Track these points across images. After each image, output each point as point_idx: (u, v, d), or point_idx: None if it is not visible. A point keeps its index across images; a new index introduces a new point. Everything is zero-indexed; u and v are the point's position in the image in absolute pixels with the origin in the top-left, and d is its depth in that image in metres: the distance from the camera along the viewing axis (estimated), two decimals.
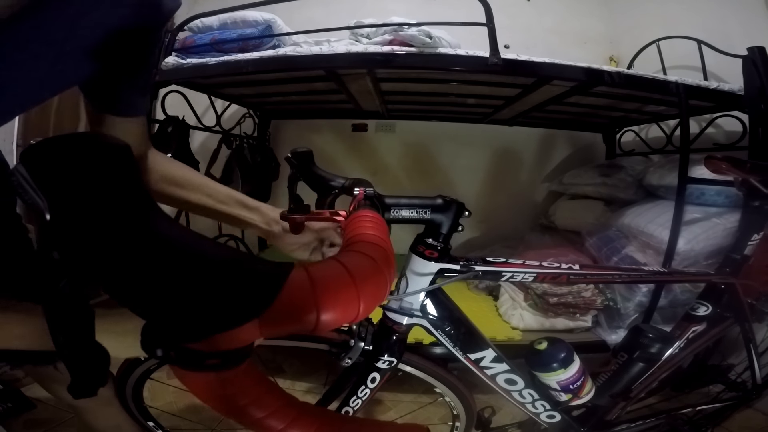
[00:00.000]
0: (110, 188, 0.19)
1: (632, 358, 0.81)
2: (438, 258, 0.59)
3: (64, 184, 0.18)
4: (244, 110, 2.12)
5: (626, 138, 2.10)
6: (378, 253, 0.27)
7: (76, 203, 0.18)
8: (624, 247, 1.46)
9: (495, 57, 1.11)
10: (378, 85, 1.51)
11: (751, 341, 0.94)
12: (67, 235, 0.19)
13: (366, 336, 0.61)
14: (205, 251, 0.21)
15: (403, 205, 0.54)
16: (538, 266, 0.65)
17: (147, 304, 0.20)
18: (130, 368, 0.72)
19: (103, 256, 0.19)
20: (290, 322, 0.21)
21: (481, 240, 2.33)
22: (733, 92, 1.29)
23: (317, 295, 0.21)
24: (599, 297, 1.43)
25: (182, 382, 0.22)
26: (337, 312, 0.22)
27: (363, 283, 0.23)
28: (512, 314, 1.49)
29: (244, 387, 0.23)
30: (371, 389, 0.65)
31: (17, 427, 1.15)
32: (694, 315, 0.89)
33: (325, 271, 0.23)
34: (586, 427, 0.82)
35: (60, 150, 0.18)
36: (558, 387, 0.72)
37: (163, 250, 0.19)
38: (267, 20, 1.43)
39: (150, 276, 0.19)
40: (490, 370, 0.67)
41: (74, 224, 0.18)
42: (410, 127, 2.30)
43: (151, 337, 0.20)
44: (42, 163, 0.18)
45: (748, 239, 0.88)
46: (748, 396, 1.02)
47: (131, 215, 0.19)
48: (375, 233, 0.32)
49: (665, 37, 1.78)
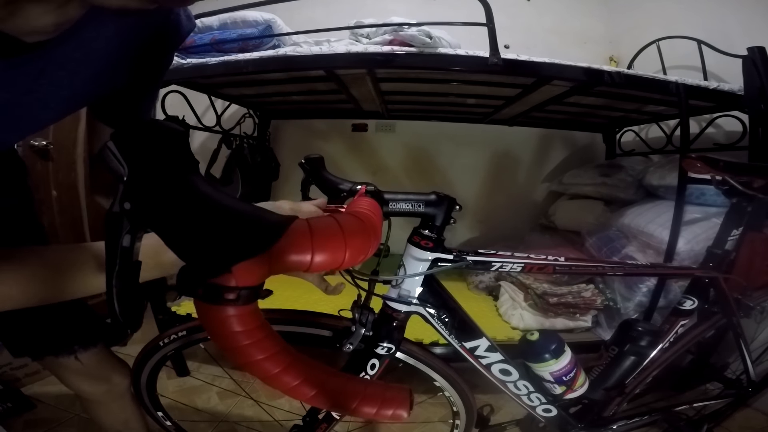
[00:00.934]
0: (166, 159, 0.27)
1: (623, 351, 0.85)
2: (433, 248, 0.63)
3: (139, 156, 0.26)
4: (244, 110, 2.12)
5: (626, 138, 2.10)
6: (366, 218, 0.33)
7: (146, 169, 0.26)
8: (624, 247, 1.46)
9: (495, 57, 1.11)
10: (378, 85, 1.51)
11: (740, 336, 0.95)
12: (136, 191, 0.26)
13: (367, 323, 0.63)
14: (229, 205, 0.27)
15: (399, 199, 0.59)
16: (525, 257, 0.68)
17: (184, 246, 0.26)
18: (146, 357, 0.74)
19: (157, 206, 0.26)
20: (292, 260, 0.27)
21: (481, 240, 2.33)
22: (733, 92, 1.29)
23: (313, 239, 0.27)
24: (599, 297, 1.43)
25: (202, 321, 0.27)
26: (326, 255, 0.27)
27: (350, 235, 0.29)
28: (512, 314, 1.49)
29: (251, 328, 0.27)
30: (371, 376, 0.67)
31: (17, 427, 1.15)
32: (681, 309, 0.91)
33: (321, 222, 0.29)
34: (583, 423, 0.82)
35: (138, 132, 0.27)
36: (551, 378, 0.75)
37: (196, 203, 0.26)
38: (267, 20, 1.43)
39: (185, 222, 0.26)
40: (485, 359, 0.70)
41: (142, 183, 0.26)
42: (410, 127, 2.30)
43: (184, 277, 0.26)
44: (126, 140, 0.26)
45: (728, 234, 0.91)
46: (745, 393, 1.03)
47: (178, 177, 0.27)
48: (369, 209, 0.38)
49: (665, 37, 1.78)
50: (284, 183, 2.27)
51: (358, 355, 0.67)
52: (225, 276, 0.25)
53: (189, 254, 0.26)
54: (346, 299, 0.65)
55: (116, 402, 0.78)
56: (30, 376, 1.34)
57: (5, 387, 1.25)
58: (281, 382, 0.29)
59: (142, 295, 0.31)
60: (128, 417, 0.80)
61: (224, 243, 0.26)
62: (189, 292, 0.26)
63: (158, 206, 0.26)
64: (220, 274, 0.25)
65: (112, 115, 0.53)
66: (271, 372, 0.29)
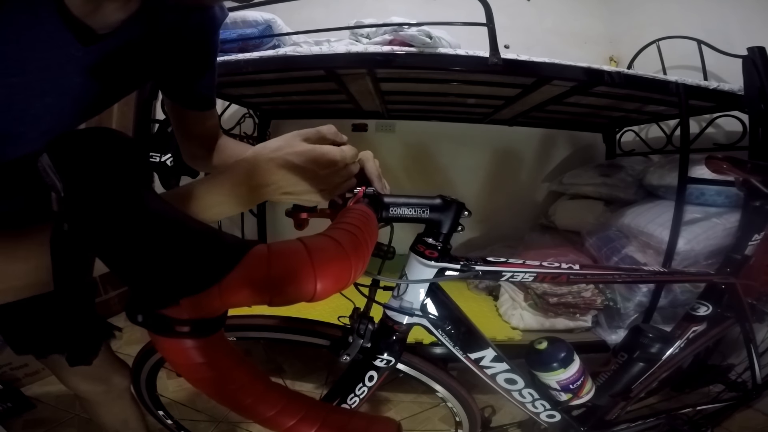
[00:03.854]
0: (109, 172, 0.23)
1: (632, 358, 0.81)
2: (438, 258, 0.58)
3: (75, 168, 0.22)
4: (244, 110, 2.12)
5: (626, 138, 2.10)
6: (347, 239, 0.28)
7: (83, 183, 0.22)
8: (624, 247, 1.45)
9: (495, 57, 1.11)
10: (378, 85, 1.51)
11: (752, 341, 0.94)
12: (75, 210, 0.22)
13: (365, 333, 0.61)
14: (181, 227, 0.23)
15: (401, 204, 0.54)
16: (538, 266, 0.65)
17: (127, 272, 0.23)
18: (145, 356, 0.73)
19: (97, 226, 0.22)
20: (248, 292, 0.23)
21: (481, 240, 2.33)
22: (733, 92, 1.29)
23: (271, 269, 0.23)
24: (599, 297, 1.43)
25: (158, 349, 0.24)
26: (291, 287, 0.23)
27: (322, 263, 0.24)
28: (512, 314, 1.49)
29: (215, 358, 0.24)
30: (369, 387, 0.65)
31: (17, 427, 1.15)
32: (694, 315, 0.89)
33: (284, 248, 0.24)
34: (586, 427, 0.82)
35: (75, 142, 0.23)
36: (558, 387, 0.72)
37: (142, 223, 0.23)
38: (267, 20, 1.43)
39: (129, 245, 0.22)
40: (490, 369, 0.67)
41: (80, 200, 0.22)
42: (410, 127, 2.29)
43: (130, 306, 0.23)
44: (61, 151, 0.23)
45: (749, 239, 0.88)
46: (749, 396, 1.02)
47: (122, 193, 0.23)
48: (354, 223, 0.32)
49: (665, 37, 1.78)
50: None
51: (356, 366, 0.65)
52: (174, 308, 0.22)
53: (133, 281, 0.23)
54: (346, 304, 0.62)
55: (116, 402, 0.78)
56: (30, 376, 1.34)
57: (5, 387, 1.25)
58: (255, 413, 0.27)
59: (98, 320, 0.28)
60: (128, 417, 0.80)
61: (171, 272, 0.22)
62: (137, 322, 0.23)
63: (98, 226, 0.22)
64: (167, 306, 0.23)
65: (184, 98, 0.58)
66: (243, 403, 0.26)
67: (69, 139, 0.23)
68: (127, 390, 0.78)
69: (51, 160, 0.23)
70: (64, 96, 0.41)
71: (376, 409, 1.33)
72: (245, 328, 0.71)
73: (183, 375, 0.25)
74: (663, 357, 0.82)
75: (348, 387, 0.65)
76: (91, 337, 0.28)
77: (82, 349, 0.27)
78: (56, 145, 0.23)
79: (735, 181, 0.87)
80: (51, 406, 1.23)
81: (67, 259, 0.25)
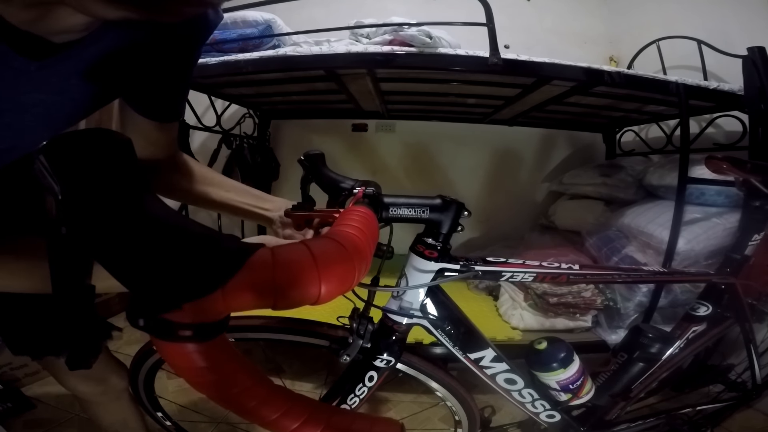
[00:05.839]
0: (109, 175, 0.22)
1: (632, 358, 0.81)
2: (438, 258, 0.59)
3: (74, 171, 0.22)
4: (244, 110, 2.12)
5: (626, 138, 2.10)
6: (350, 241, 0.28)
7: (81, 186, 0.22)
8: (624, 247, 1.45)
9: (495, 57, 1.11)
10: (378, 85, 1.51)
11: (752, 341, 0.94)
12: (73, 213, 0.22)
13: (365, 334, 0.61)
14: (182, 230, 0.23)
15: (401, 204, 0.54)
16: (537, 266, 0.65)
17: (128, 276, 0.22)
18: (143, 357, 0.73)
19: (98, 230, 0.22)
20: (251, 296, 0.23)
21: (481, 240, 2.33)
22: (733, 92, 1.28)
23: (276, 273, 0.23)
24: (599, 297, 1.43)
25: (160, 354, 0.24)
26: (296, 292, 0.23)
27: (326, 266, 0.24)
28: (512, 314, 1.49)
29: (217, 362, 0.24)
30: (369, 388, 0.65)
31: (17, 427, 1.15)
32: (694, 315, 0.89)
33: (288, 252, 0.24)
34: (585, 427, 0.82)
35: (73, 143, 0.22)
36: (558, 387, 0.72)
37: (143, 227, 0.22)
38: (267, 20, 1.43)
39: (129, 249, 0.22)
40: (490, 369, 0.68)
41: (79, 203, 0.22)
42: (410, 127, 2.29)
43: (132, 309, 0.23)
44: (58, 153, 0.22)
45: (749, 239, 0.88)
46: (748, 396, 1.02)
47: (122, 196, 0.22)
48: (356, 225, 0.33)
49: (665, 37, 1.78)
50: (284, 183, 2.27)
51: (356, 366, 0.65)
52: (176, 312, 0.22)
53: (135, 286, 0.23)
54: (345, 304, 0.62)
55: (114, 402, 0.78)
56: (30, 376, 1.34)
57: (5, 387, 1.25)
58: (259, 416, 0.27)
59: (98, 323, 0.28)
60: (126, 417, 0.80)
61: (173, 277, 0.22)
62: (138, 326, 0.23)
63: (98, 230, 0.22)
64: (169, 310, 0.22)
65: (146, 107, 0.52)
66: (246, 406, 0.26)
67: (67, 141, 0.22)
68: (125, 390, 0.78)
69: (48, 162, 0.21)
70: (24, 114, 0.38)
71: (376, 408, 1.33)
72: (244, 328, 0.71)
73: (186, 379, 0.24)
74: (663, 357, 0.83)
75: (348, 387, 0.66)
76: (91, 341, 0.27)
77: (82, 353, 0.27)
78: (53, 146, 0.22)
79: (735, 181, 0.87)
80: (51, 406, 1.23)
81: (66, 263, 0.24)
